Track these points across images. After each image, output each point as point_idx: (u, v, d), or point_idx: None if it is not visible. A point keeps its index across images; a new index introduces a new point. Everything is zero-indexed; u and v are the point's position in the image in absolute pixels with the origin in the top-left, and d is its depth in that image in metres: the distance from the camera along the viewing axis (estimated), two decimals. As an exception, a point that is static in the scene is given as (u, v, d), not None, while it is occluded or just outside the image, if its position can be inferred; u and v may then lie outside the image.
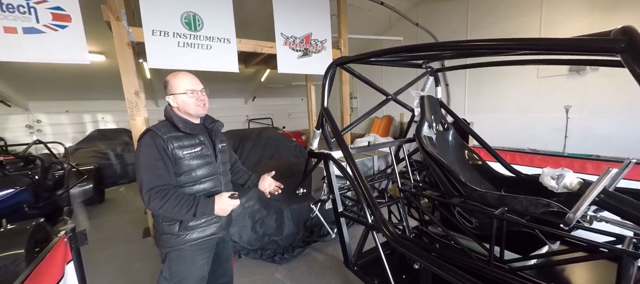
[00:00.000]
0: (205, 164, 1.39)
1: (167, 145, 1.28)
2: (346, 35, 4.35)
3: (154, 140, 1.26)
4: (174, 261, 1.37)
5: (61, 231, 1.19)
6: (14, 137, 7.46)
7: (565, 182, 1.17)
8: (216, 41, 3.16)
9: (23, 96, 7.74)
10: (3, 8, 2.17)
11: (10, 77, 6.47)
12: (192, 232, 1.36)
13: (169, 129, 1.33)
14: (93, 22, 2.88)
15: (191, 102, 1.35)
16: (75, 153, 5.99)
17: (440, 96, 2.13)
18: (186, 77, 1.37)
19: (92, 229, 3.85)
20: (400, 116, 8.00)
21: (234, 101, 11.49)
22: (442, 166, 1.69)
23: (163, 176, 1.24)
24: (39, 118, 8.34)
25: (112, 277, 2.65)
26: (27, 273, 0.91)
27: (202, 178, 1.38)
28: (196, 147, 1.37)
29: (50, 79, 6.78)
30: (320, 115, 1.77)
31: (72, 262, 1.20)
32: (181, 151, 1.31)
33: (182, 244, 1.35)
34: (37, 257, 1.01)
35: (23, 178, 3.29)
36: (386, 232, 1.08)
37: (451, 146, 2.01)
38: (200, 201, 1.27)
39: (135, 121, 2.91)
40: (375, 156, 2.37)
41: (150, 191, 1.20)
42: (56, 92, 7.76)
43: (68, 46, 2.46)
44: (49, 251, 1.05)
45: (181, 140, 1.33)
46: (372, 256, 1.75)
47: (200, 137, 1.39)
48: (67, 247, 1.18)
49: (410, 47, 1.24)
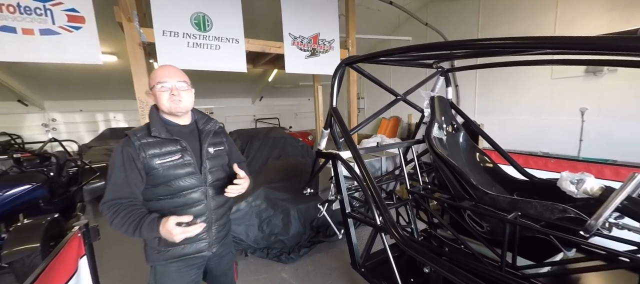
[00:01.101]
0: (186, 175, 1.20)
1: (139, 153, 1.13)
2: (354, 35, 4.33)
3: (123, 147, 1.14)
4: (159, 275, 1.25)
5: (75, 226, 1.21)
6: (30, 135, 7.71)
7: (585, 187, 1.13)
8: (225, 41, 3.18)
9: (39, 95, 7.99)
10: (21, 10, 2.24)
11: (27, 77, 6.70)
12: (174, 249, 1.22)
13: (146, 133, 1.17)
14: (105, 23, 2.94)
15: (162, 97, 1.18)
16: (88, 151, 6.14)
17: (450, 97, 2.10)
18: (160, 69, 1.22)
19: (102, 225, 3.93)
20: (409, 117, 7.91)
21: (242, 100, 11.60)
22: (452, 168, 1.66)
23: (119, 190, 1.10)
24: (54, 117, 8.60)
25: (120, 272, 2.71)
26: (43, 266, 0.94)
27: (182, 191, 1.20)
28: (174, 154, 1.18)
29: (64, 79, 6.98)
30: (328, 115, 1.76)
31: (85, 257, 1.23)
32: (154, 160, 1.15)
33: (164, 260, 1.22)
34: (53, 251, 1.04)
35: (39, 175, 3.40)
36: (396, 234, 1.06)
37: (462, 148, 1.97)
38: (146, 223, 1.06)
39: (146, 119, 2.95)
40: (383, 157, 2.35)
41: (104, 204, 1.09)
42: (70, 92, 7.99)
43: (82, 47, 2.52)
44: (63, 245, 1.08)
45: (156, 147, 1.16)
46: (379, 258, 1.73)
47: (182, 142, 1.20)
48: (80, 242, 1.21)
49: (421, 46, 1.22)
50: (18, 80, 6.76)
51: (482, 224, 1.57)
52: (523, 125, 5.18)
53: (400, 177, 2.14)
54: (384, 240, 1.36)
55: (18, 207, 2.85)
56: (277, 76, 8.51)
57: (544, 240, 1.25)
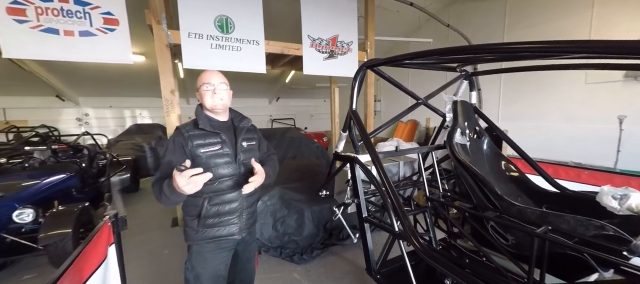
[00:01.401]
0: (224, 164, 1.38)
1: (187, 142, 1.32)
2: (373, 37, 4.29)
3: (175, 137, 1.35)
4: (194, 254, 1.41)
5: (106, 215, 1.29)
6: (65, 128, 8.28)
7: (630, 204, 1.04)
8: (246, 43, 3.26)
9: (75, 92, 8.59)
10: (64, 13, 2.42)
11: (65, 74, 7.22)
12: (209, 230, 1.38)
13: (193, 127, 1.37)
14: (135, 25, 3.11)
15: (206, 96, 1.36)
16: (115, 145, 6.51)
17: (474, 101, 2.02)
18: (206, 72, 1.40)
19: (127, 215, 4.14)
20: (426, 121, 7.71)
21: (259, 100, 11.83)
22: (475, 176, 1.59)
23: (164, 171, 1.29)
24: (87, 112, 9.20)
25: (143, 261, 2.83)
26: (78, 251, 1.00)
27: (220, 178, 1.37)
28: (215, 145, 1.36)
29: (97, 76, 7.46)
30: (348, 117, 1.75)
31: (113, 245, 1.30)
32: (200, 149, 1.33)
33: (200, 240, 1.38)
34: (87, 238, 1.11)
35: (73, 165, 3.64)
36: (416, 243, 1.03)
37: (485, 155, 1.89)
38: (168, 184, 1.19)
39: (170, 117, 3.09)
40: (401, 161, 2.30)
41: (154, 185, 1.28)
42: (102, 89, 8.52)
43: (115, 47, 2.68)
44: (95, 233, 1.15)
45: (201, 138, 1.34)
46: (396, 265, 1.69)
47: (221, 136, 1.38)
48: (110, 231, 1.28)
49: (447, 50, 1.18)
50: (57, 77, 7.30)
51: (507, 236, 1.49)
52: (552, 132, 4.88)
53: (418, 184, 2.08)
54: (402, 247, 1.32)
55: (54, 195, 3.06)
56: (294, 77, 8.59)
57: (576, 258, 1.17)
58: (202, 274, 1.39)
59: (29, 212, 2.49)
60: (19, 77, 6.60)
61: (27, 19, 2.36)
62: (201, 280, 1.40)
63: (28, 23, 2.36)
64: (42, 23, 2.38)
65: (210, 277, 1.41)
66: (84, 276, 1.04)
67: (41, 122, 6.88)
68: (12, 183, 2.92)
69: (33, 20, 2.37)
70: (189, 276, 1.41)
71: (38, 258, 2.65)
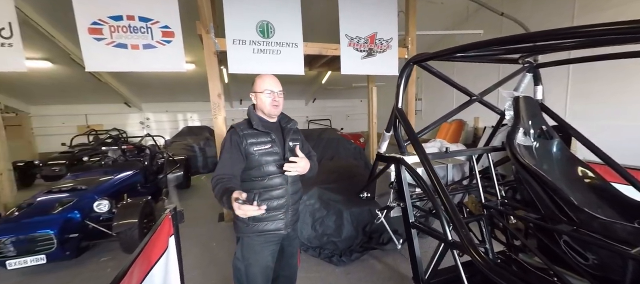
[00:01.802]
0: (273, 162, 1.46)
1: (242, 140, 1.41)
2: (415, 32, 4.08)
3: (231, 136, 1.43)
4: (245, 246, 1.50)
5: (166, 209, 1.42)
6: (131, 131, 9.49)
7: None
8: (285, 46, 3.35)
9: (139, 99, 9.79)
10: (131, 30, 2.77)
11: (131, 84, 8.28)
12: (258, 224, 1.46)
13: (247, 126, 1.46)
14: (187, 36, 3.41)
15: (267, 102, 1.46)
16: (170, 145, 7.23)
17: (539, 97, 1.78)
18: (268, 78, 1.49)
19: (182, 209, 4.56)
20: (475, 120, 7.08)
21: (296, 102, 12.11)
22: (544, 182, 1.39)
23: (225, 167, 1.38)
24: (148, 116, 10.42)
25: (195, 251, 3.08)
26: (146, 240, 1.12)
27: (269, 174, 1.46)
28: (266, 144, 1.45)
29: (155, 85, 8.40)
30: (392, 117, 1.67)
31: (173, 236, 1.43)
32: (252, 147, 1.42)
33: (250, 233, 1.47)
34: (152, 228, 1.23)
35: (138, 163, 4.13)
36: (477, 256, 0.93)
37: (555, 158, 1.64)
38: (226, 196, 1.22)
39: (217, 119, 3.31)
40: (449, 164, 2.13)
41: (212, 179, 1.35)
42: (159, 95, 9.58)
43: (171, 58, 2.97)
44: (159, 224, 1.27)
45: (254, 137, 1.43)
46: (448, 276, 1.56)
47: (272, 135, 1.47)
48: (170, 223, 1.41)
49: (510, 38, 1.04)
50: (125, 86, 8.40)
51: (587, 255, 1.27)
52: (636, 133, 4.09)
53: (470, 188, 1.90)
54: (456, 258, 1.21)
55: (124, 188, 3.51)
56: (330, 77, 8.61)
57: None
58: (252, 265, 1.48)
59: (105, 203, 2.89)
60: (97, 88, 7.76)
61: (103, 36, 2.75)
62: (252, 270, 1.48)
63: (104, 40, 2.75)
64: (114, 39, 2.76)
65: (260, 267, 1.49)
66: (151, 263, 1.16)
67: (113, 125, 7.98)
68: (93, 178, 3.42)
69: (107, 37, 2.75)
70: (240, 266, 1.50)
71: (111, 243, 3.06)
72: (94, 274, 2.68)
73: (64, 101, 8.85)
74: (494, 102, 1.98)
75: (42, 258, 2.45)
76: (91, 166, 4.10)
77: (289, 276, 1.76)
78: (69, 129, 9.04)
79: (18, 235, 2.41)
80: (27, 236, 2.42)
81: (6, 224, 2.49)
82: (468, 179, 2.01)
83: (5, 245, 2.38)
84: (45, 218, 2.55)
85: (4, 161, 3.52)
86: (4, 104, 7.61)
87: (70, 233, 2.62)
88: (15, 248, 2.40)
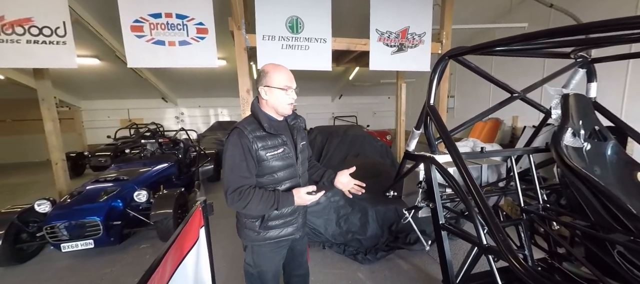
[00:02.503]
0: (286, 167, 1.33)
1: (252, 145, 1.23)
2: (450, 26, 3.85)
3: (240, 139, 1.22)
4: (255, 254, 1.42)
5: (197, 201, 1.48)
6: (167, 125, 10.14)
7: None
8: (313, 42, 3.34)
9: (175, 94, 10.42)
10: (169, 27, 2.92)
11: (168, 80, 8.82)
12: (271, 231, 1.36)
13: (255, 127, 1.26)
14: (218, 32, 3.53)
15: (284, 101, 1.28)
16: (202, 140, 7.60)
17: (593, 95, 1.59)
18: (286, 71, 1.29)
19: (212, 202, 4.78)
20: (513, 120, 6.57)
21: (322, 98, 12.12)
22: (595, 187, 1.25)
23: (246, 177, 1.22)
24: (183, 111, 11.06)
25: (223, 243, 3.21)
26: (179, 230, 1.18)
27: (283, 180, 1.33)
28: (279, 148, 1.29)
29: (190, 81, 8.87)
30: (423, 114, 1.59)
31: (203, 227, 1.49)
32: (265, 152, 1.26)
33: (261, 241, 1.36)
34: (184, 219, 1.29)
35: (173, 156, 4.39)
36: (516, 264, 0.85)
37: (610, 162, 1.46)
38: (281, 196, 1.25)
39: (246, 114, 3.41)
40: (484, 165, 1.99)
41: (234, 193, 1.19)
42: (193, 91, 10.11)
43: (205, 54, 3.10)
44: (191, 216, 1.33)
45: (265, 140, 1.26)
46: (482, 281, 1.47)
47: (283, 136, 1.31)
48: (201, 215, 1.47)
49: (561, 30, 0.93)
50: (162, 82, 8.98)
51: (648, 269, 1.13)
52: None
53: (508, 191, 1.76)
54: (491, 263, 1.13)
55: (160, 180, 3.75)
56: (358, 73, 8.47)
57: None
58: (266, 271, 1.43)
59: (144, 193, 3.10)
60: (138, 84, 8.38)
61: (144, 34, 2.93)
62: (265, 275, 1.44)
63: (144, 37, 2.94)
64: (153, 36, 2.94)
65: (273, 272, 1.45)
66: (183, 252, 1.22)
67: (151, 119, 8.59)
68: (133, 169, 3.70)
69: (147, 34, 2.94)
70: (253, 271, 1.45)
71: (150, 232, 3.29)
72: (135, 260, 2.89)
73: (109, 96, 9.67)
74: (537, 100, 1.82)
75: (90, 243, 2.66)
76: (132, 158, 4.42)
77: (303, 275, 1.71)
78: (113, 123, 9.90)
79: (70, 221, 2.63)
80: (78, 221, 2.65)
81: (61, 210, 2.72)
82: (504, 181, 1.87)
83: (60, 229, 2.62)
84: (93, 206, 2.78)
85: (59, 152, 3.88)
86: (59, 98, 8.45)
87: (113, 220, 2.83)
88: (68, 233, 2.64)
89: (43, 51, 2.92)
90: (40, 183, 6.25)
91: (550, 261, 1.60)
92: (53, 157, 3.86)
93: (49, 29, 2.92)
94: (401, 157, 1.90)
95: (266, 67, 1.29)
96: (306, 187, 1.29)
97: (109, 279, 2.58)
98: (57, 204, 2.84)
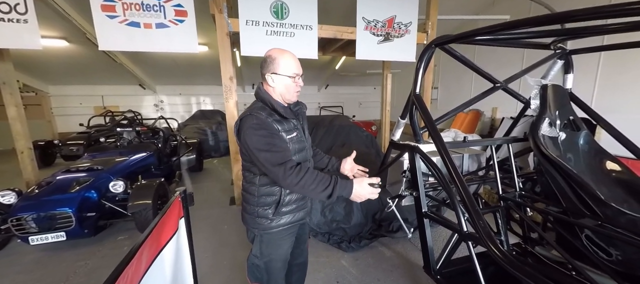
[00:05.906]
0: (300, 150, 1.31)
1: (276, 126, 1.21)
2: (436, 16, 3.88)
3: (266, 120, 1.18)
4: (265, 243, 1.38)
5: (177, 191, 1.43)
6: (146, 113, 9.68)
7: None
8: (299, 28, 3.26)
9: (153, 81, 9.92)
10: (144, 8, 2.74)
11: (145, 65, 8.36)
12: (284, 217, 1.35)
13: (269, 112, 1.22)
14: (199, 16, 3.35)
15: (293, 89, 1.26)
16: (183, 128, 7.34)
17: (569, 86, 1.66)
18: (294, 58, 1.25)
19: (192, 192, 4.67)
20: (493, 111, 6.83)
21: (308, 88, 12.00)
22: (568, 175, 1.32)
23: (287, 151, 1.17)
24: (162, 99, 10.58)
25: (206, 234, 3.16)
26: (157, 221, 1.13)
27: None
28: (293, 131, 1.28)
29: (170, 67, 8.45)
30: (409, 103, 1.60)
31: (183, 218, 1.44)
32: (285, 135, 1.23)
33: (274, 228, 1.34)
34: (162, 209, 1.24)
35: (152, 145, 4.21)
36: (494, 250, 0.89)
37: (582, 151, 1.55)
38: (339, 182, 1.15)
39: (229, 103, 3.30)
40: (465, 154, 2.05)
41: (283, 166, 1.11)
42: (173, 78, 9.66)
43: (184, 38, 2.94)
44: (169, 206, 1.28)
45: (282, 124, 1.23)
46: (460, 266, 1.53)
47: (294, 121, 1.31)
48: (180, 205, 1.42)
49: (544, 18, 0.95)
50: (139, 68, 8.50)
51: (610, 250, 1.22)
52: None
53: (487, 179, 1.83)
54: (470, 250, 1.18)
55: (138, 170, 3.59)
56: (344, 63, 8.43)
57: None
58: (275, 259, 1.40)
59: (120, 183, 2.96)
60: (112, 69, 7.88)
61: (116, 14, 2.73)
62: (273, 264, 1.41)
63: (117, 18, 2.74)
64: (127, 17, 2.74)
65: (281, 260, 1.43)
66: (160, 244, 1.18)
67: (128, 107, 8.16)
68: (109, 159, 3.52)
69: (120, 15, 2.74)
70: (259, 262, 1.42)
71: (128, 223, 3.17)
72: (111, 252, 2.79)
73: (81, 81, 9.06)
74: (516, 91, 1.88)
75: (62, 235, 2.53)
76: (107, 147, 4.21)
77: (303, 263, 1.72)
78: (86, 110, 9.33)
79: (39, 212, 2.49)
80: (47, 213, 2.50)
81: (27, 201, 2.56)
82: (484, 170, 1.94)
83: (27, 221, 2.47)
84: (63, 196, 2.63)
85: (25, 140, 3.62)
86: (23, 82, 7.81)
87: (87, 212, 2.70)
88: (37, 225, 2.49)
89: (1, 29, 2.65)
90: (8, 173, 5.82)
91: (524, 246, 1.70)
92: (18, 145, 3.59)
93: (7, 5, 2.65)
94: (386, 148, 1.92)
95: (273, 53, 1.24)
96: (370, 178, 1.19)
97: (83, 272, 2.47)
98: (24, 195, 2.67)
